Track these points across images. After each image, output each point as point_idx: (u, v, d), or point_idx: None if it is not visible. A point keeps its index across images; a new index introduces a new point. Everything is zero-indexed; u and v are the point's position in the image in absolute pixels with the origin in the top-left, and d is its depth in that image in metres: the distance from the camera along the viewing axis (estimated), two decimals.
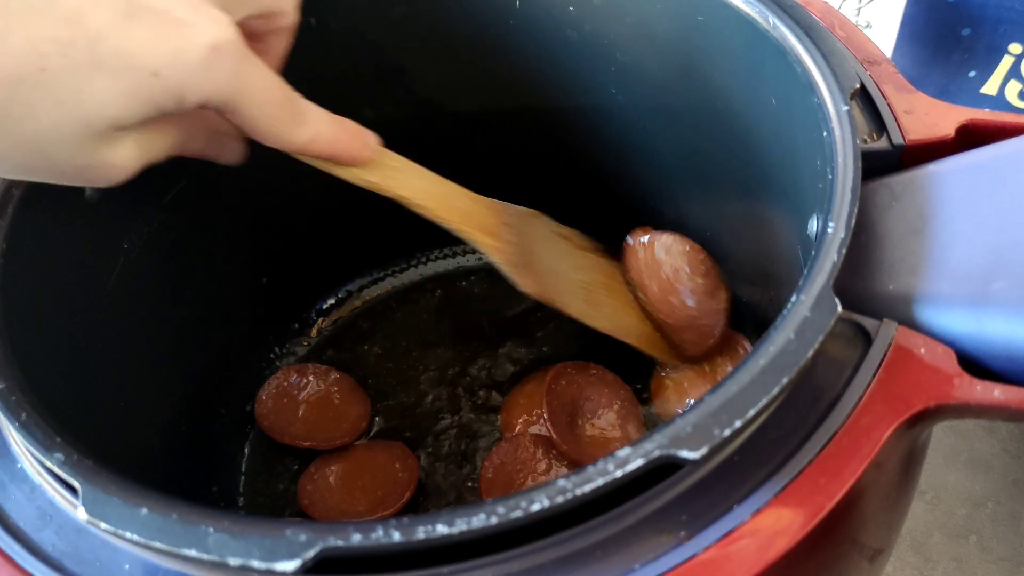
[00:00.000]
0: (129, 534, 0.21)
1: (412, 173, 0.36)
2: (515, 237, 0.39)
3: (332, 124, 0.31)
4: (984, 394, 0.24)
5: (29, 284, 0.30)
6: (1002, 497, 0.48)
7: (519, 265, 0.39)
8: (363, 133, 0.33)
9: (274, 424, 0.43)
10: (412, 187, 0.35)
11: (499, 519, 0.20)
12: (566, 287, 0.41)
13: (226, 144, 0.32)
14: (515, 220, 0.40)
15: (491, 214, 0.39)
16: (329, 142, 0.31)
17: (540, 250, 0.41)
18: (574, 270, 0.43)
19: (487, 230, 0.38)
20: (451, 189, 0.37)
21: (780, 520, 0.22)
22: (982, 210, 0.27)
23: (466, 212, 0.37)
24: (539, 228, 0.42)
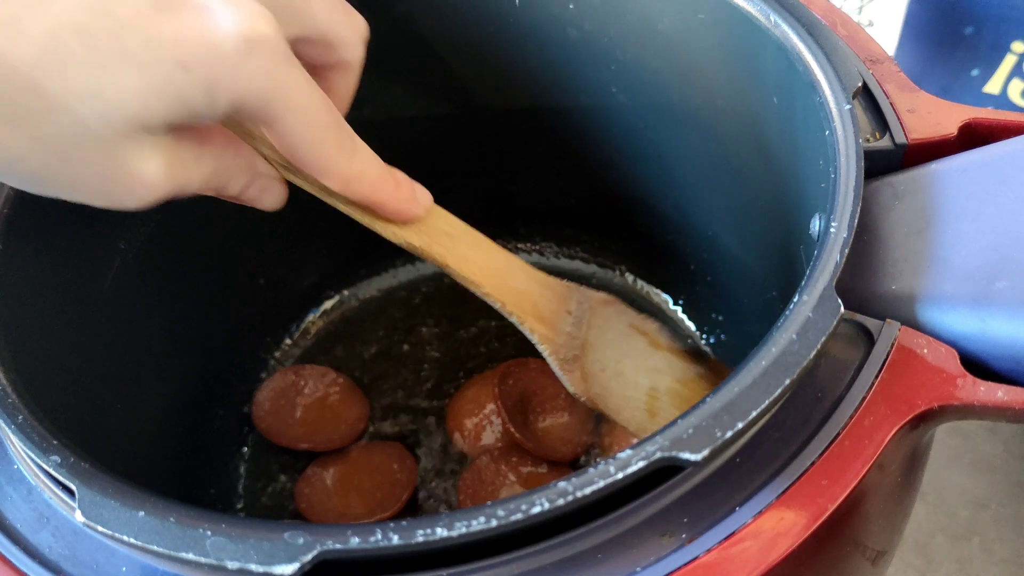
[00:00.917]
0: (126, 537, 0.21)
1: (467, 242, 0.32)
2: (573, 328, 0.35)
3: (382, 166, 0.28)
4: (987, 395, 0.23)
5: (25, 285, 0.30)
6: (1005, 498, 0.48)
7: (570, 360, 0.34)
8: (415, 186, 0.30)
9: (271, 426, 0.43)
10: (462, 259, 0.31)
11: (499, 522, 0.20)
12: (623, 391, 0.36)
13: (266, 186, 0.28)
14: (579, 307, 0.36)
15: (551, 297, 0.35)
16: (375, 185, 0.28)
17: (601, 345, 0.36)
18: (640, 372, 0.37)
19: (540, 316, 0.34)
20: (510, 264, 0.33)
21: (782, 522, 0.22)
22: (985, 209, 0.27)
23: (521, 293, 0.33)
24: (609, 318, 0.37)
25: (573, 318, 0.35)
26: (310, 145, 0.25)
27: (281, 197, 0.29)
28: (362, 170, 0.27)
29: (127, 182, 0.23)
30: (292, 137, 0.25)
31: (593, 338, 0.36)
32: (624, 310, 0.38)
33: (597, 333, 0.36)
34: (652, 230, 0.47)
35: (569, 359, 0.34)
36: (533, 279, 0.34)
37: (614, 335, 0.37)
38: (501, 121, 0.45)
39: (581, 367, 0.35)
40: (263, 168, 0.28)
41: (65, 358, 0.31)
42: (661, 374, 0.37)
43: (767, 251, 0.38)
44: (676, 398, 0.37)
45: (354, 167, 0.27)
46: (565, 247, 0.51)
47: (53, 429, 0.24)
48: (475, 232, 0.32)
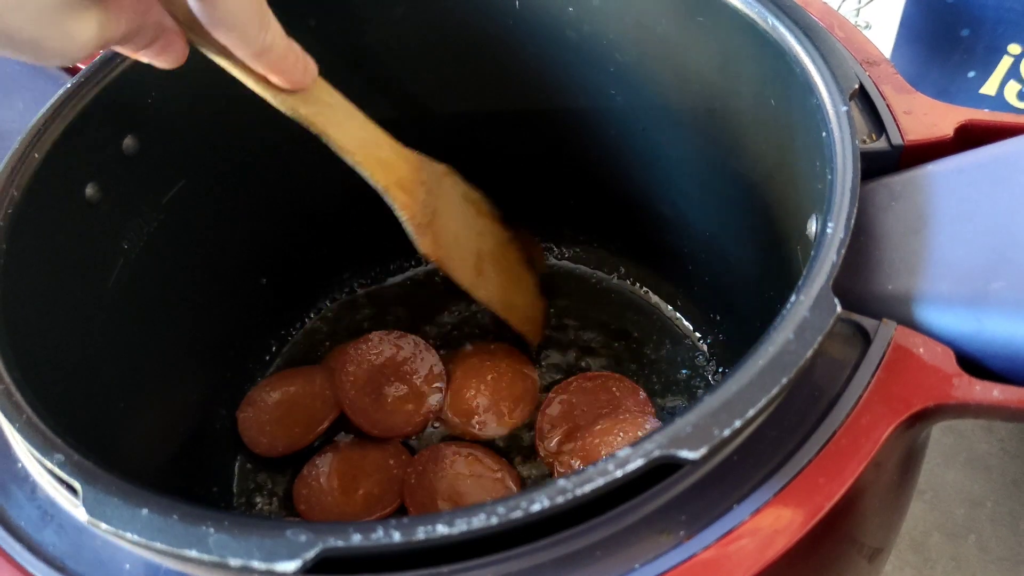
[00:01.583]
0: (130, 535, 0.21)
1: (344, 112, 0.35)
2: (426, 196, 0.39)
3: (287, 40, 0.30)
4: (983, 394, 0.24)
5: (29, 284, 0.30)
6: (1001, 497, 0.48)
7: (423, 225, 0.38)
8: (307, 58, 0.32)
9: (254, 440, 0.43)
10: (340, 127, 0.34)
11: (499, 519, 0.20)
12: (459, 253, 0.41)
13: (170, 42, 0.30)
14: (430, 177, 0.40)
15: (410, 169, 0.38)
16: (280, 57, 0.30)
17: (444, 211, 0.41)
18: (471, 236, 0.43)
19: (402, 185, 0.37)
20: (378, 136, 0.37)
21: (779, 520, 0.22)
22: (981, 210, 0.27)
23: (387, 163, 0.37)
24: (449, 187, 0.42)
25: (426, 188, 0.39)
26: (234, 22, 0.28)
27: (182, 55, 0.31)
28: (273, 41, 0.29)
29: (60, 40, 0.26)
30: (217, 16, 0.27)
31: (441, 205, 0.40)
32: (458, 181, 0.43)
33: (442, 201, 0.40)
34: (650, 231, 0.47)
35: (422, 224, 0.38)
36: (395, 150, 0.38)
37: (453, 203, 0.42)
38: (500, 122, 0.45)
39: (432, 231, 0.39)
40: (169, 24, 0.30)
41: (68, 358, 0.31)
42: (485, 238, 0.44)
43: (764, 251, 0.39)
44: (494, 259, 0.44)
45: (266, 38, 0.29)
46: (565, 247, 0.51)
47: (57, 428, 0.24)
48: (349, 104, 0.35)
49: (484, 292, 0.42)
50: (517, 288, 0.45)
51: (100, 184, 0.34)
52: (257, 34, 0.29)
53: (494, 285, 0.43)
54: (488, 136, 0.46)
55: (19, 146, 0.31)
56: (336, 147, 0.35)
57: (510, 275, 0.45)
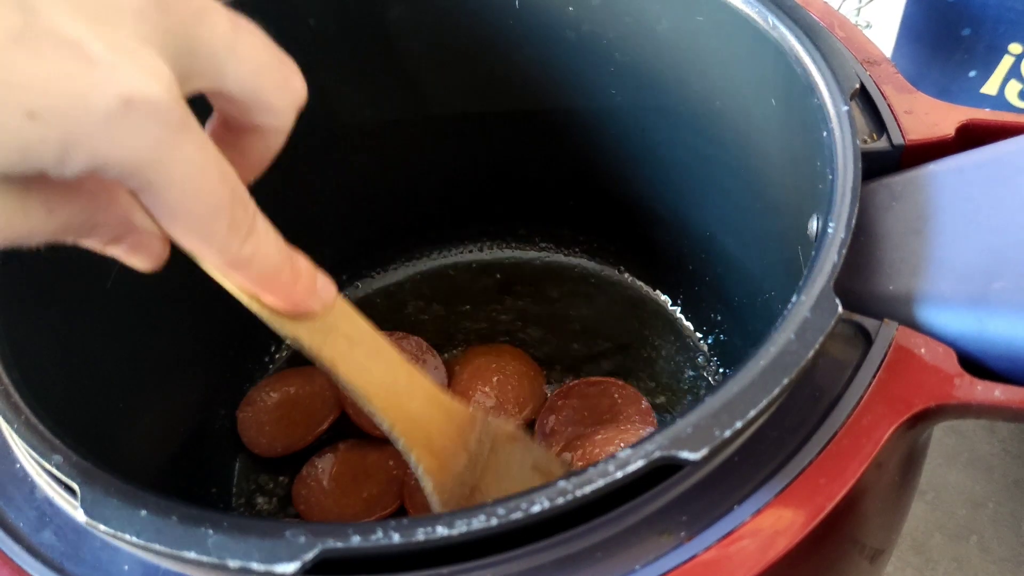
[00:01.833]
0: (128, 536, 0.21)
1: (367, 349, 0.27)
2: (467, 466, 0.30)
3: (281, 251, 0.24)
4: (985, 394, 0.24)
5: (28, 285, 0.30)
6: (1003, 497, 0.48)
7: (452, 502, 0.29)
8: (317, 277, 0.25)
9: (254, 441, 0.43)
10: (357, 368, 0.27)
11: (499, 520, 0.20)
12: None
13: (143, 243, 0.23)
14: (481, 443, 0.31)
15: (451, 429, 0.29)
16: (268, 275, 0.23)
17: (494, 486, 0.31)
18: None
19: (432, 448, 0.28)
20: (412, 383, 0.28)
21: (780, 520, 0.22)
22: (982, 210, 0.27)
23: (417, 420, 0.28)
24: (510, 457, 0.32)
25: (469, 455, 0.30)
26: (190, 222, 0.21)
27: (159, 257, 0.24)
28: (253, 255, 0.22)
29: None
30: (165, 211, 0.20)
31: (487, 481, 0.30)
32: (530, 447, 0.33)
33: (493, 476, 0.31)
34: (651, 230, 0.47)
35: (453, 500, 0.29)
36: (436, 404, 0.29)
37: (512, 479, 0.31)
38: (500, 122, 0.45)
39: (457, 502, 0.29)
40: (141, 222, 0.22)
41: (68, 358, 0.31)
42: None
43: (765, 251, 0.39)
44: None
45: (245, 251, 0.22)
46: (565, 247, 0.51)
47: (55, 429, 0.24)
48: (381, 339, 0.28)
49: None
50: None
51: None
52: (230, 239, 0.21)
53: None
54: (488, 136, 0.46)
55: None
56: (349, 389, 0.27)
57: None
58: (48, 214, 0.20)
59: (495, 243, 0.52)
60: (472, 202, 0.50)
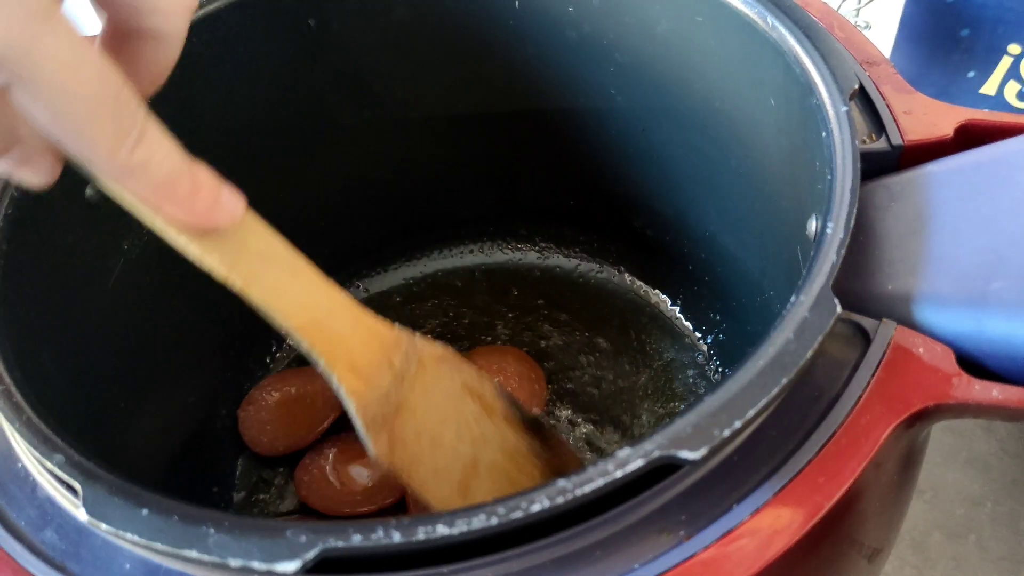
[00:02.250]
0: (130, 535, 0.21)
1: (281, 267, 0.26)
2: (391, 384, 0.29)
3: (178, 160, 0.22)
4: (983, 394, 0.24)
5: (29, 285, 0.30)
6: (1001, 496, 0.48)
7: (377, 420, 0.29)
8: (221, 189, 0.24)
9: (255, 440, 0.43)
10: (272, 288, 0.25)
11: (499, 519, 0.20)
12: (435, 461, 0.31)
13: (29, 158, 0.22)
14: (406, 360, 0.30)
15: (374, 346, 0.29)
16: (162, 184, 0.22)
17: (422, 407, 0.30)
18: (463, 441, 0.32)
19: (355, 367, 0.28)
20: (332, 301, 0.28)
21: (779, 519, 0.22)
22: (981, 210, 0.27)
23: (338, 338, 0.28)
24: (440, 377, 0.32)
25: (394, 373, 0.29)
26: (69, 124, 0.20)
27: (50, 172, 0.23)
28: (146, 162, 0.21)
29: None
30: (43, 112, 0.19)
31: (414, 399, 0.30)
32: (460, 368, 0.32)
33: (420, 394, 0.30)
34: (650, 230, 0.47)
35: (377, 418, 0.29)
36: (357, 321, 0.29)
37: (441, 397, 0.31)
38: (501, 122, 0.45)
39: (390, 430, 0.29)
40: (27, 133, 0.21)
41: (69, 357, 0.31)
42: (487, 445, 0.32)
43: (764, 251, 0.39)
44: (496, 473, 0.32)
45: (135, 157, 0.21)
46: (565, 247, 0.51)
47: (57, 428, 0.24)
48: (297, 256, 0.27)
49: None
50: None
51: None
52: (117, 143, 0.20)
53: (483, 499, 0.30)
54: (488, 136, 0.46)
55: None
56: (263, 309, 0.25)
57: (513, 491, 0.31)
58: None
59: (495, 243, 0.52)
60: (472, 202, 0.50)
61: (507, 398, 0.34)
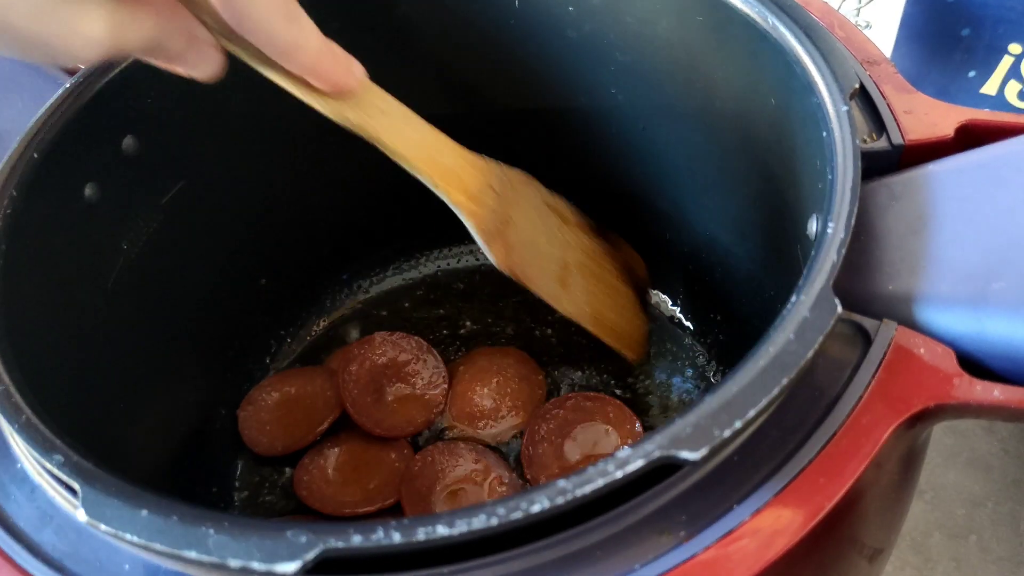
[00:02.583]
0: (129, 536, 0.21)
1: (398, 117, 0.33)
2: (495, 203, 0.37)
3: (321, 37, 0.29)
4: (984, 394, 0.24)
5: (29, 285, 0.30)
6: (1002, 497, 0.48)
7: (492, 233, 0.36)
8: (350, 59, 0.31)
9: (254, 440, 0.43)
10: (395, 133, 0.33)
11: (499, 520, 0.20)
12: (539, 263, 0.39)
13: (204, 53, 0.29)
14: (501, 183, 0.38)
15: (476, 174, 0.36)
16: (316, 56, 0.29)
17: (521, 219, 0.38)
18: (554, 245, 0.40)
19: (467, 192, 0.35)
20: (439, 141, 0.35)
21: (780, 520, 0.22)
22: (982, 210, 0.27)
23: (450, 170, 0.35)
24: (527, 195, 0.40)
25: (495, 193, 0.37)
26: (257, 12, 0.26)
27: (218, 65, 0.29)
28: (305, 38, 0.28)
29: (66, 38, 0.24)
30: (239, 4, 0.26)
31: (514, 214, 0.38)
32: (537, 187, 0.40)
33: (516, 209, 0.38)
34: (651, 230, 0.47)
35: (492, 231, 0.36)
36: (460, 155, 0.36)
37: (531, 211, 0.39)
38: (501, 122, 0.45)
39: (503, 239, 0.37)
40: (201, 34, 0.28)
41: (68, 358, 0.31)
42: (571, 248, 0.41)
43: (765, 251, 0.39)
44: (583, 270, 0.41)
45: (297, 35, 0.28)
46: None
47: (56, 428, 0.24)
48: (406, 108, 0.33)
49: (570, 305, 0.40)
50: (611, 302, 0.42)
51: (100, 184, 0.34)
52: (285, 30, 0.27)
53: (582, 298, 0.40)
54: (489, 135, 0.46)
55: (19, 146, 0.31)
56: (393, 154, 0.33)
57: (602, 288, 0.42)
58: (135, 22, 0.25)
59: None
60: None
61: (576, 210, 0.42)
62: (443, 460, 0.42)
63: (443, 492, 0.41)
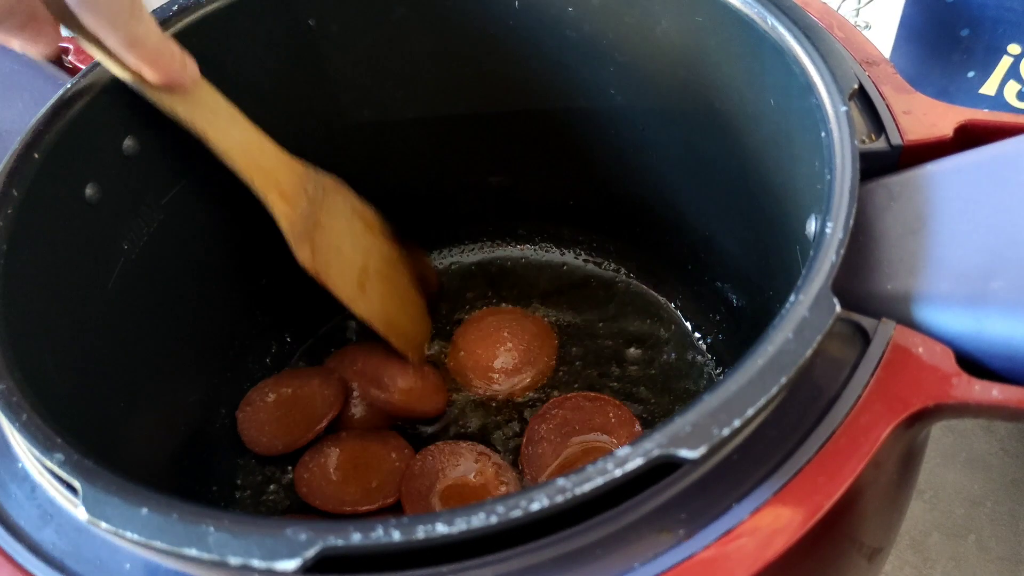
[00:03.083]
0: (129, 534, 0.21)
1: (226, 117, 0.35)
2: (308, 206, 0.40)
3: (162, 36, 0.31)
4: (982, 393, 0.24)
5: (29, 284, 0.30)
6: (1000, 496, 0.48)
7: (301, 234, 0.39)
8: (186, 57, 0.32)
9: (253, 440, 0.43)
10: (220, 131, 0.35)
11: (499, 518, 0.20)
12: (341, 266, 0.41)
13: (40, 28, 0.31)
14: (315, 188, 0.40)
15: (293, 177, 0.39)
16: (154, 51, 0.30)
17: (328, 223, 0.41)
18: (356, 251, 0.43)
19: (282, 193, 0.38)
20: (262, 143, 0.37)
21: (779, 519, 0.22)
22: (980, 210, 0.27)
23: (268, 171, 0.37)
24: (336, 200, 0.42)
25: (308, 197, 0.40)
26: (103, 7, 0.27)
27: (54, 45, 0.31)
28: (146, 35, 0.29)
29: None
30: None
31: (323, 218, 0.41)
32: (348, 196, 0.43)
33: (327, 214, 0.41)
34: (650, 230, 0.47)
35: (301, 232, 0.39)
36: (278, 158, 0.38)
37: (340, 216, 0.42)
38: (500, 122, 0.45)
39: (311, 241, 0.39)
40: (41, 13, 0.30)
41: (69, 357, 0.31)
42: (371, 254, 0.44)
43: (764, 251, 0.39)
44: (380, 276, 0.44)
45: (140, 30, 0.29)
46: (564, 247, 0.51)
47: (57, 427, 0.24)
48: (234, 109, 0.36)
49: (364, 308, 0.42)
50: (401, 307, 0.45)
51: (100, 184, 0.34)
52: (127, 22, 0.28)
53: (376, 302, 0.43)
54: (488, 136, 0.46)
55: (19, 146, 0.31)
56: (216, 150, 0.35)
57: (395, 293, 0.45)
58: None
59: (495, 243, 0.52)
60: (472, 202, 0.50)
61: (381, 219, 0.45)
62: (443, 460, 0.42)
63: (443, 491, 0.41)
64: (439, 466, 0.41)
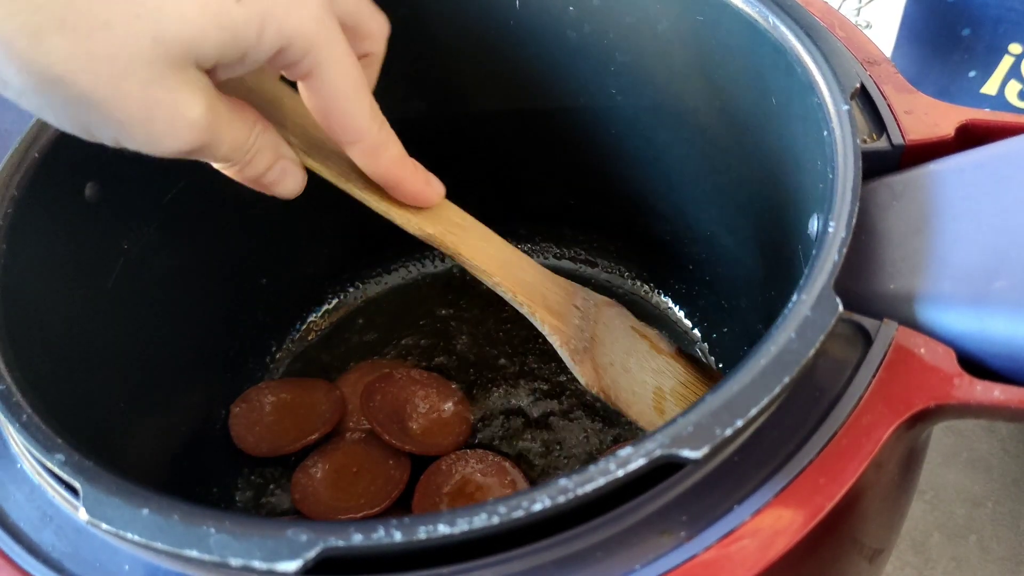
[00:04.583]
0: (130, 535, 0.21)
1: (477, 234, 0.33)
2: (581, 321, 0.37)
3: (402, 147, 0.29)
4: (984, 394, 0.24)
5: (29, 284, 0.30)
6: (1002, 497, 0.48)
7: (580, 351, 0.35)
8: (429, 174, 0.31)
9: (241, 436, 0.43)
10: (475, 248, 0.33)
11: (501, 519, 0.20)
12: (631, 387, 0.37)
13: (287, 170, 0.29)
14: (583, 302, 0.38)
15: (559, 291, 0.36)
16: (396, 161, 0.29)
17: (608, 341, 0.37)
18: (645, 371, 0.39)
19: (550, 308, 0.35)
20: (518, 258, 0.35)
21: (780, 520, 0.22)
22: (982, 209, 0.27)
23: (531, 285, 0.35)
24: (610, 315, 0.39)
25: (580, 312, 0.37)
26: (346, 100, 0.26)
27: (300, 183, 0.30)
28: (388, 141, 0.28)
29: (169, 115, 0.23)
30: (330, 89, 0.26)
31: (600, 333, 0.37)
32: (625, 313, 0.40)
33: (604, 329, 0.37)
34: (651, 230, 0.47)
35: (579, 350, 0.35)
36: (541, 274, 0.36)
37: (619, 334, 0.38)
38: (501, 122, 0.45)
39: (591, 359, 0.36)
40: (286, 152, 0.29)
41: (68, 357, 0.31)
42: (664, 375, 0.39)
43: (766, 251, 0.39)
44: (680, 399, 0.38)
45: (381, 136, 0.28)
46: (565, 247, 0.51)
47: (57, 428, 0.24)
48: (483, 226, 0.34)
49: None
50: None
51: (100, 184, 0.34)
52: (369, 124, 0.27)
53: None
54: (488, 136, 0.46)
55: (19, 146, 0.31)
56: (473, 269, 0.33)
57: None
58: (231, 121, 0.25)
59: None
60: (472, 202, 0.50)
61: (667, 337, 0.40)
62: (448, 461, 0.42)
63: (448, 494, 0.41)
64: (444, 468, 0.41)
